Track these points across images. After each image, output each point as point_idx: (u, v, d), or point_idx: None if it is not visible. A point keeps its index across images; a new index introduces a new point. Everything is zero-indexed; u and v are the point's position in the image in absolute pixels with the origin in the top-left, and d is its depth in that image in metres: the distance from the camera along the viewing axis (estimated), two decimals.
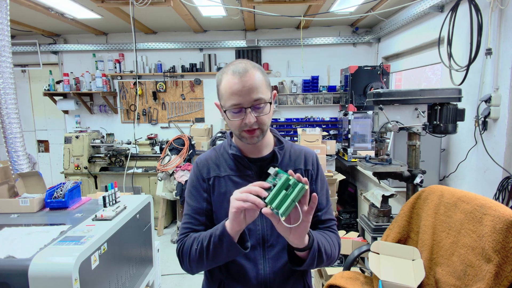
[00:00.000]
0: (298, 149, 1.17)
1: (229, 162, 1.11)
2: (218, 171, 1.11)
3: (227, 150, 1.13)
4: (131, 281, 1.75)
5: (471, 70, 2.33)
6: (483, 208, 1.49)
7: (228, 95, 0.98)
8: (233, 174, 1.10)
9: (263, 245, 1.07)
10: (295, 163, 1.13)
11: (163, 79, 4.93)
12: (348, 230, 3.28)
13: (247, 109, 0.98)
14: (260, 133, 1.03)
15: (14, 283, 1.23)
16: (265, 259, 1.07)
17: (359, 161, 2.34)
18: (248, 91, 0.97)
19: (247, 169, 1.09)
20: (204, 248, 0.98)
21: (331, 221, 1.15)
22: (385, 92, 2.17)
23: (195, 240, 1.03)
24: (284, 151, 1.14)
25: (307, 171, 1.14)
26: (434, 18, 3.06)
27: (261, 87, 0.99)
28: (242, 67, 0.99)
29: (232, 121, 1.01)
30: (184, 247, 1.05)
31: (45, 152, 5.41)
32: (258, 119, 0.99)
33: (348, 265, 1.99)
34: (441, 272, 1.60)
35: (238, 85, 0.97)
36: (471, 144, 2.41)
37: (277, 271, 1.07)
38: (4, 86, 2.22)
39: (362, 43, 4.76)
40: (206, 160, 1.14)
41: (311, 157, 1.16)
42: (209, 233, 0.99)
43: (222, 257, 0.98)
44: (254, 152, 1.11)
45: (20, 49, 4.86)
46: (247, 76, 0.97)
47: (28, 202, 1.79)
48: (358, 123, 4.14)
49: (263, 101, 0.99)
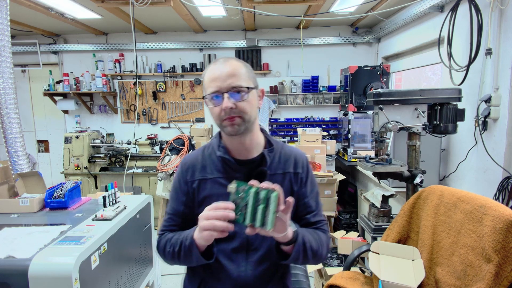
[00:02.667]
0: (289, 151, 1.15)
1: (217, 164, 1.09)
2: (204, 173, 1.09)
3: (215, 151, 1.10)
4: (131, 281, 1.75)
5: (471, 70, 2.33)
6: (483, 208, 1.49)
7: (209, 82, 1.00)
8: (220, 177, 1.07)
9: (247, 248, 1.07)
10: (285, 166, 1.11)
11: (163, 79, 4.93)
12: (348, 230, 3.28)
13: (224, 94, 0.97)
14: (241, 122, 0.99)
15: (14, 283, 1.23)
16: (248, 262, 1.07)
17: (359, 161, 2.34)
18: (226, 77, 0.97)
19: (235, 172, 1.07)
20: (175, 252, 1.03)
21: (321, 222, 1.15)
22: (385, 92, 2.17)
23: (168, 242, 1.07)
24: (274, 153, 1.11)
25: (296, 174, 1.12)
26: (434, 18, 3.06)
27: (242, 76, 0.99)
28: (224, 58, 1.02)
29: (213, 109, 1.01)
30: (159, 245, 1.11)
31: (45, 152, 5.41)
32: (237, 105, 0.97)
33: (348, 265, 1.99)
34: (441, 272, 1.60)
35: (218, 71, 0.99)
36: (471, 144, 2.41)
37: (258, 275, 1.07)
38: (4, 86, 2.22)
39: (362, 43, 4.76)
40: (192, 162, 1.12)
41: (301, 160, 1.14)
42: (180, 240, 1.02)
43: (193, 263, 1.04)
44: (243, 153, 1.08)
45: (20, 49, 4.86)
46: (227, 64, 1.00)
47: (28, 202, 1.79)
48: (358, 123, 4.14)
49: (241, 87, 0.98)
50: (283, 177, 1.10)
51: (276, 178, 1.08)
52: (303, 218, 1.13)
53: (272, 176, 1.08)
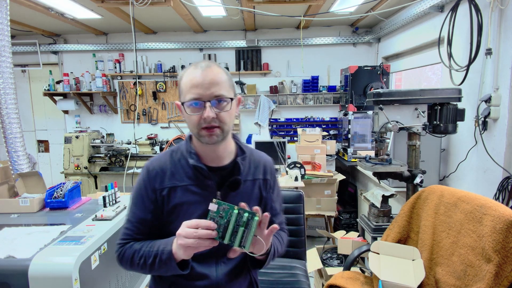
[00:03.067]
0: (258, 158, 1.15)
1: (187, 170, 1.03)
2: (174, 181, 1.03)
3: (185, 157, 1.04)
4: (131, 281, 1.75)
5: (471, 70, 2.33)
6: (483, 208, 1.49)
7: (188, 88, 0.95)
8: (192, 184, 1.03)
9: (216, 252, 1.05)
10: (255, 173, 1.11)
11: (163, 79, 4.93)
12: (348, 230, 3.28)
13: (207, 103, 0.94)
14: (220, 133, 0.97)
15: (14, 283, 1.23)
16: (218, 263, 1.07)
17: (359, 161, 2.34)
18: (209, 85, 0.94)
19: (207, 179, 1.02)
20: (147, 265, 0.98)
21: (282, 223, 1.21)
22: (385, 92, 2.17)
23: (136, 252, 1.01)
24: (245, 161, 1.10)
25: (265, 181, 1.14)
26: (434, 18, 3.06)
27: (224, 84, 0.97)
28: (205, 63, 0.98)
29: (191, 116, 0.96)
30: (124, 255, 1.03)
31: (45, 152, 5.40)
32: (218, 116, 0.95)
33: (348, 265, 1.99)
34: (441, 272, 1.60)
35: (199, 78, 0.94)
36: (471, 144, 2.41)
37: (228, 273, 1.08)
38: (4, 86, 2.22)
39: (362, 43, 4.76)
40: (161, 168, 1.05)
41: (269, 166, 1.16)
42: (153, 252, 0.97)
43: (167, 274, 1.01)
44: (215, 160, 1.05)
45: (20, 49, 4.86)
46: (210, 71, 0.96)
47: (28, 202, 1.79)
48: (358, 123, 4.14)
49: (224, 98, 0.96)
50: (253, 183, 1.10)
51: (246, 185, 1.09)
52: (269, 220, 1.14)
53: (243, 182, 1.07)
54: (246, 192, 1.08)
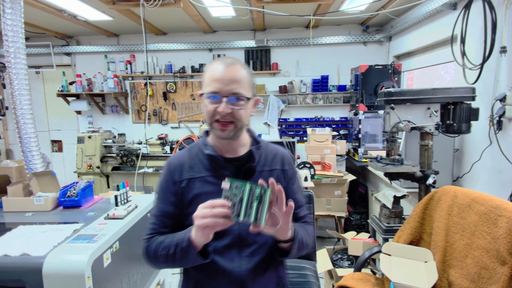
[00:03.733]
0: (274, 149, 1.18)
1: (204, 163, 1.09)
2: (192, 173, 1.09)
3: (202, 150, 1.10)
4: (142, 279, 1.77)
5: (485, 68, 2.29)
6: (498, 209, 1.46)
7: (209, 81, 1.00)
8: (209, 175, 1.08)
9: (239, 243, 1.07)
10: (272, 163, 1.14)
11: (173, 80, 4.97)
12: (358, 231, 3.25)
13: (224, 98, 0.98)
14: (233, 129, 1.01)
15: (28, 280, 1.25)
16: (241, 257, 1.07)
17: (370, 161, 2.32)
18: (229, 82, 0.98)
19: (223, 169, 1.07)
20: (170, 256, 1.01)
21: (308, 215, 1.22)
22: (396, 91, 2.14)
23: (160, 245, 1.05)
24: (260, 151, 1.13)
25: (284, 171, 1.15)
26: (446, 16, 3.00)
27: (243, 83, 1.00)
28: (230, 60, 1.02)
29: (207, 107, 1.01)
30: (149, 249, 1.07)
31: (58, 152, 5.51)
32: (233, 112, 0.99)
33: (358, 266, 1.97)
34: (454, 274, 1.57)
35: (221, 73, 0.99)
36: (486, 144, 2.36)
37: (252, 268, 1.08)
38: (19, 87, 2.27)
39: (373, 42, 4.71)
40: (179, 162, 1.11)
41: (287, 157, 1.18)
42: (174, 242, 1.00)
43: (188, 264, 1.04)
44: (230, 152, 1.10)
45: (34, 51, 4.96)
46: (232, 68, 1.00)
47: (43, 201, 1.83)
48: (369, 123, 4.09)
49: (242, 96, 0.99)
50: (270, 174, 1.12)
51: (263, 175, 1.10)
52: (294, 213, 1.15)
53: (259, 173, 1.10)
54: None
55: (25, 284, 1.25)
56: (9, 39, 2.20)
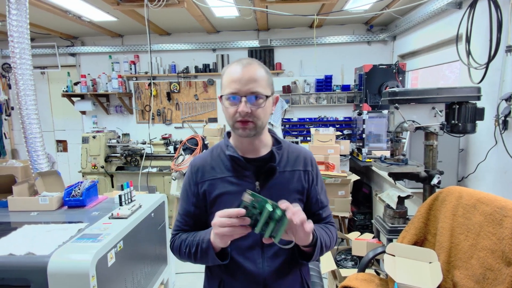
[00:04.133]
0: (296, 149, 1.18)
1: (226, 163, 1.11)
2: (214, 173, 1.11)
3: (223, 151, 1.12)
4: (146, 278, 1.78)
5: (490, 68, 2.27)
6: (504, 210, 1.44)
7: (228, 83, 1.01)
8: (230, 175, 1.09)
9: (262, 244, 1.08)
10: (294, 163, 1.14)
11: (177, 80, 4.98)
12: (362, 231, 3.23)
13: (243, 98, 0.99)
14: (253, 127, 1.02)
15: (33, 279, 1.26)
16: (264, 258, 1.08)
17: (374, 161, 2.31)
18: (247, 81, 0.98)
19: (245, 170, 1.08)
20: (192, 254, 1.06)
21: (330, 216, 1.22)
22: (401, 91, 2.13)
23: (183, 242, 1.11)
24: (282, 151, 1.13)
25: (307, 172, 1.15)
26: (451, 15, 2.98)
27: (262, 82, 1.01)
28: (247, 60, 1.03)
29: (228, 108, 1.02)
30: (174, 245, 1.15)
31: (63, 152, 5.55)
32: (253, 111, 1.00)
33: (362, 267, 1.96)
34: (459, 275, 1.56)
35: (239, 74, 0.99)
36: (491, 144, 2.34)
37: (276, 269, 1.09)
38: (25, 88, 2.29)
39: (377, 41, 4.69)
40: (202, 163, 1.14)
41: (309, 158, 1.18)
42: (196, 242, 1.05)
43: (209, 263, 1.08)
44: (251, 152, 1.11)
45: (39, 51, 5.00)
46: (250, 68, 1.00)
47: (48, 200, 1.84)
48: (373, 123, 4.07)
49: (260, 95, 1.00)
50: (292, 174, 1.12)
51: (285, 175, 1.11)
52: (316, 214, 1.17)
53: (281, 173, 1.10)
54: (284, 183, 1.10)
55: (30, 283, 1.26)
56: (14, 40, 2.22)
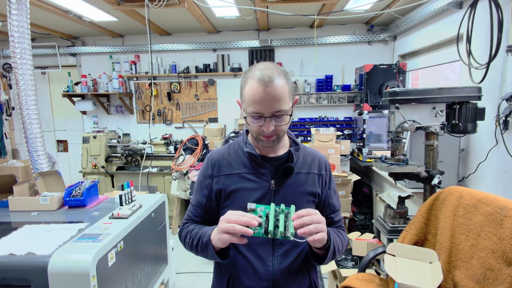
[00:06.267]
0: (311, 153, 1.20)
1: (243, 160, 1.12)
2: (230, 169, 1.12)
3: (242, 148, 1.14)
4: (147, 278, 1.78)
5: (491, 67, 2.26)
6: (504, 210, 1.44)
7: (251, 102, 0.99)
8: (247, 172, 1.10)
9: (272, 242, 1.09)
10: (310, 167, 1.15)
11: (178, 80, 4.99)
12: (363, 231, 3.23)
13: (267, 118, 0.99)
14: (276, 139, 1.05)
15: (34, 279, 1.26)
16: (274, 256, 1.09)
17: (375, 162, 2.31)
18: (271, 102, 0.97)
19: (262, 168, 1.10)
20: (194, 245, 1.09)
21: (341, 220, 1.24)
22: (401, 91, 2.13)
23: (188, 233, 1.13)
24: (299, 152, 1.16)
25: (320, 176, 1.16)
26: (452, 15, 2.98)
27: (284, 98, 0.99)
28: (268, 75, 0.96)
29: (251, 126, 1.04)
30: (181, 234, 1.17)
31: (64, 152, 5.55)
32: (276, 128, 1.01)
33: (363, 267, 1.96)
34: (459, 275, 1.56)
35: (262, 95, 0.97)
36: (492, 144, 2.34)
37: (285, 268, 1.09)
38: (25, 88, 2.29)
39: (378, 41, 4.69)
40: (219, 158, 1.15)
41: (323, 162, 1.20)
42: (199, 235, 1.07)
43: (209, 259, 1.08)
44: (270, 151, 1.13)
45: (40, 51, 5.00)
46: (272, 87, 0.96)
47: (48, 200, 1.84)
48: (373, 123, 4.07)
49: (284, 113, 1.00)
50: (307, 176, 1.14)
51: (300, 177, 1.12)
52: (328, 217, 1.17)
53: (297, 174, 1.12)
54: (299, 184, 1.11)
55: (31, 283, 1.26)
56: (15, 40, 2.22)
